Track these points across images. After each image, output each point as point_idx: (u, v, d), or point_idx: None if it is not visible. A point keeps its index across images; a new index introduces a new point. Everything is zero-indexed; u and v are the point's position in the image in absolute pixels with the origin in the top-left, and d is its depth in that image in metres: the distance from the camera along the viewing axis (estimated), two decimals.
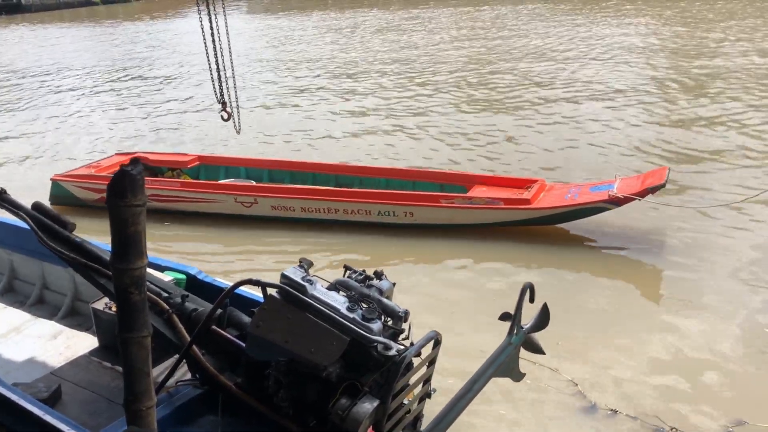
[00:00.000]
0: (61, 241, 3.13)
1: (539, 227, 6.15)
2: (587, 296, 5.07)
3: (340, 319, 2.51)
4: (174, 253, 5.99)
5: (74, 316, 4.55)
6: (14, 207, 3.30)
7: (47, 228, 3.14)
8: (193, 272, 3.90)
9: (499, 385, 3.69)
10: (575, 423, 3.65)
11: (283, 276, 2.64)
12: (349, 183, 7.19)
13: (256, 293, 3.35)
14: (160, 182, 7.01)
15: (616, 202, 5.80)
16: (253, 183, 7.21)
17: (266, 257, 6.09)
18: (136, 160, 2.23)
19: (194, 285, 3.82)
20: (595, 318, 4.75)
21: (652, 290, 5.25)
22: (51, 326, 4.30)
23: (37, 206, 3.28)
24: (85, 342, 4.03)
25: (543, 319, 2.82)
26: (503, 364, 2.62)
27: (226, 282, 3.92)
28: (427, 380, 2.73)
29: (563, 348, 4.29)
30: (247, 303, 3.30)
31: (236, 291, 2.93)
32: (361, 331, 2.49)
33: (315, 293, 2.59)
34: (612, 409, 3.73)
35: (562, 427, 3.63)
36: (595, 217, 6.04)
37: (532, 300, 2.71)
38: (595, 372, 4.09)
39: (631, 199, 5.75)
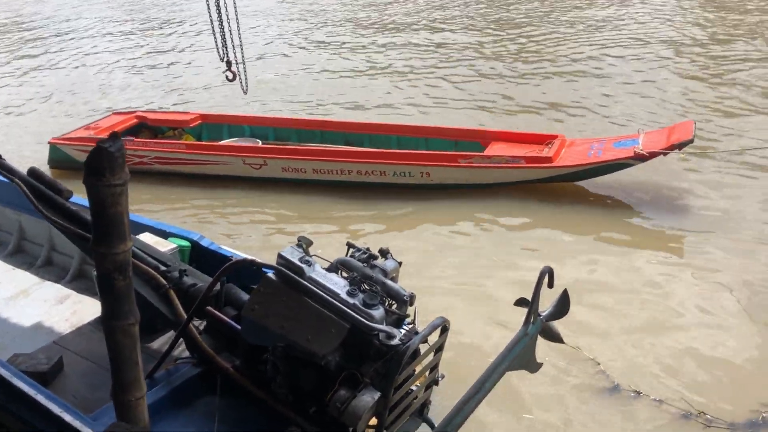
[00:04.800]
0: (56, 209, 3.01)
1: (559, 183, 5.94)
2: (610, 264, 4.85)
3: (340, 305, 2.34)
4: (180, 218, 5.81)
5: (82, 279, 4.47)
6: (9, 173, 3.18)
7: (42, 195, 3.02)
8: (197, 239, 3.76)
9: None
10: (597, 404, 3.49)
11: (280, 256, 2.46)
12: (358, 141, 6.90)
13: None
14: (164, 144, 6.76)
15: (642, 158, 5.57)
16: (259, 142, 6.96)
17: (276, 221, 5.89)
18: (114, 135, 2.05)
19: (199, 252, 3.69)
20: (620, 288, 4.54)
21: (677, 257, 5.01)
22: (58, 290, 4.22)
23: (32, 172, 3.17)
24: (92, 308, 3.94)
25: (563, 306, 2.58)
26: (519, 356, 2.43)
27: (232, 250, 3.78)
28: (434, 367, 2.57)
29: (586, 325, 4.09)
30: (251, 277, 3.14)
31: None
32: (362, 319, 2.32)
33: (313, 275, 2.42)
34: (636, 391, 3.55)
35: (583, 408, 3.47)
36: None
37: (551, 285, 2.49)
38: (618, 350, 3.90)
39: (657, 155, 5.53)
